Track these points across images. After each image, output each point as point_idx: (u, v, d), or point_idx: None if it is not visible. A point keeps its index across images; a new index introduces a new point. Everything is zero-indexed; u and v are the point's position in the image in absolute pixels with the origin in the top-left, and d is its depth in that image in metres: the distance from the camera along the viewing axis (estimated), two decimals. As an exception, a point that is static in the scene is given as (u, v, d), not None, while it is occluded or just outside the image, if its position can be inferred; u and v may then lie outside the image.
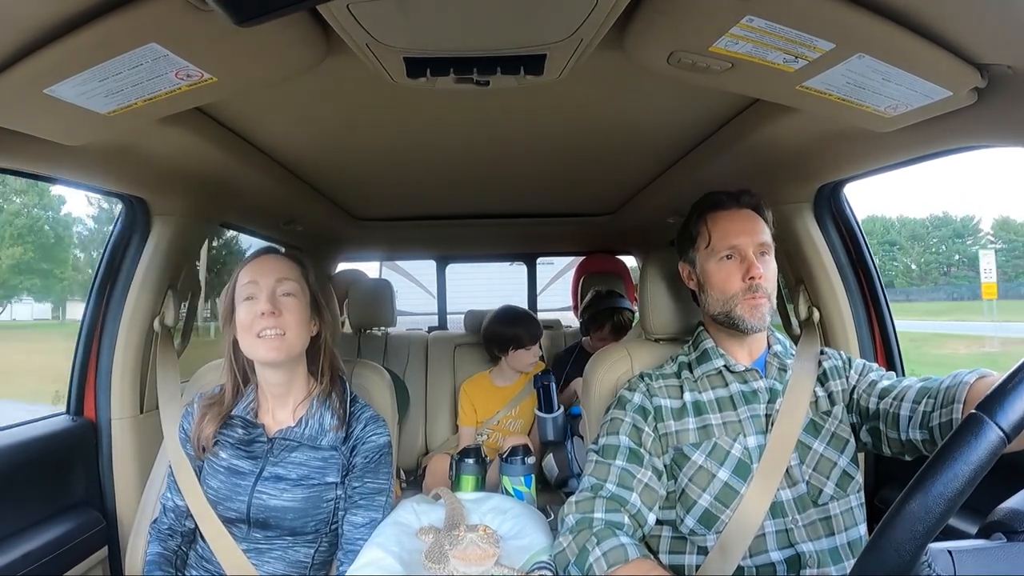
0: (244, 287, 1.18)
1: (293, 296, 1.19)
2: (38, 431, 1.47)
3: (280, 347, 1.16)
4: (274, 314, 1.15)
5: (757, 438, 1.13)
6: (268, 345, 1.15)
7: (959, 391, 0.95)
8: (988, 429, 0.50)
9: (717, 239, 1.18)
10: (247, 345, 1.18)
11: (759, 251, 1.16)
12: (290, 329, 1.17)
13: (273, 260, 1.22)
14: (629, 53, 0.91)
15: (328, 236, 2.75)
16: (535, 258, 3.65)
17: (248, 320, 1.16)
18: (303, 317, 1.20)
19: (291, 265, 1.22)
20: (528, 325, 2.30)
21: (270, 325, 1.15)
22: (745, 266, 1.15)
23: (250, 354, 1.19)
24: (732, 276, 1.16)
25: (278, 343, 1.16)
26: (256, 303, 1.16)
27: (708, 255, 1.19)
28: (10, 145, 1.04)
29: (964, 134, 1.05)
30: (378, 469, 1.23)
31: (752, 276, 1.13)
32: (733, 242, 1.16)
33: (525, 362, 2.30)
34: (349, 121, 1.36)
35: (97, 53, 0.77)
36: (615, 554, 0.96)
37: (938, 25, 0.78)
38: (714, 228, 1.19)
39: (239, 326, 1.18)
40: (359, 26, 0.77)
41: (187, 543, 1.25)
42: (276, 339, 1.15)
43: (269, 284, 1.17)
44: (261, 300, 1.16)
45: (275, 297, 1.17)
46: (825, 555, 1.06)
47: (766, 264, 1.16)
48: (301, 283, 1.22)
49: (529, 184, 2.06)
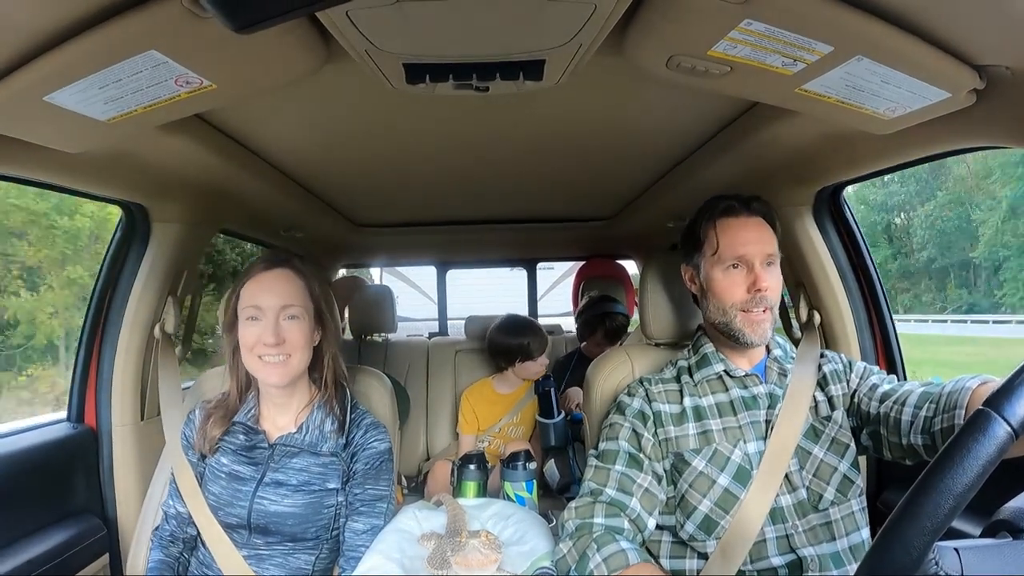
0: (246, 309, 1.16)
1: (297, 319, 1.17)
2: (39, 438, 1.47)
3: (284, 372, 1.16)
4: (277, 344, 1.14)
5: (757, 444, 1.12)
6: (270, 370, 1.16)
7: (962, 396, 0.94)
8: (996, 424, 0.49)
9: (725, 247, 1.16)
10: (250, 364, 1.17)
11: (765, 261, 1.15)
12: (295, 352, 1.16)
13: (279, 280, 1.18)
14: (628, 58, 0.91)
15: (328, 242, 2.75)
16: (535, 263, 3.65)
17: (251, 342, 1.15)
18: (307, 337, 1.19)
19: (295, 283, 1.19)
20: (536, 334, 2.27)
21: (273, 352, 1.15)
22: (752, 278, 1.13)
23: (253, 373, 1.19)
24: (736, 286, 1.14)
25: (281, 369, 1.16)
26: (259, 327, 1.15)
27: (714, 262, 1.17)
28: (10, 152, 1.04)
29: (963, 135, 1.05)
30: (379, 476, 1.23)
31: (759, 288, 1.12)
32: (741, 251, 1.14)
33: (533, 371, 2.27)
34: (348, 127, 1.36)
35: (97, 60, 0.78)
36: (616, 559, 0.96)
37: (937, 27, 0.78)
38: (723, 235, 1.16)
39: (242, 343, 1.17)
40: (358, 32, 0.78)
41: (189, 550, 1.25)
42: (279, 365, 1.15)
43: (274, 311, 1.15)
44: (265, 329, 1.14)
45: (278, 324, 1.15)
46: (827, 559, 1.05)
47: (772, 274, 1.15)
48: (305, 301, 1.20)
49: (529, 189, 2.06)
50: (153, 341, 1.61)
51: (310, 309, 1.21)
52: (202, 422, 1.23)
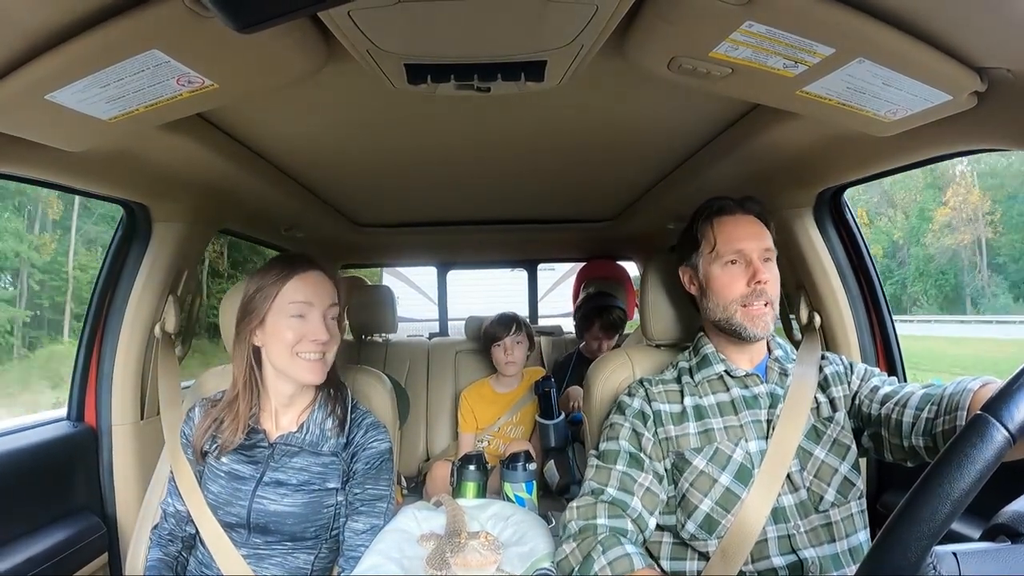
0: (295, 304, 1.17)
1: (335, 320, 1.21)
2: (39, 437, 1.47)
3: (321, 371, 1.18)
4: (327, 342, 1.17)
5: (758, 443, 1.12)
6: (309, 368, 1.17)
7: (963, 398, 0.94)
8: (994, 429, 0.49)
9: (722, 243, 1.17)
10: (284, 362, 1.17)
11: (763, 256, 1.16)
12: (330, 350, 1.20)
13: (324, 282, 1.21)
14: (629, 59, 0.91)
15: (329, 242, 2.75)
16: (536, 264, 3.65)
17: (294, 339, 1.16)
18: (339, 338, 1.22)
19: (333, 288, 1.23)
20: (504, 320, 2.33)
21: (317, 350, 1.16)
22: (751, 271, 1.15)
23: (286, 371, 1.18)
24: (736, 281, 1.16)
25: (319, 367, 1.18)
26: (309, 325, 1.16)
27: (712, 259, 1.18)
28: (11, 151, 1.04)
29: (964, 138, 1.05)
30: (379, 475, 1.23)
31: (759, 280, 1.13)
32: (739, 246, 1.16)
33: (503, 361, 2.31)
34: (350, 127, 1.36)
35: (99, 59, 0.78)
36: (621, 564, 0.96)
37: (938, 29, 0.78)
38: (719, 233, 1.18)
39: (280, 340, 1.16)
40: (360, 32, 0.78)
41: (187, 548, 1.25)
42: (319, 362, 1.18)
43: (323, 308, 1.18)
44: (316, 325, 1.16)
45: (327, 322, 1.18)
46: (827, 561, 1.05)
47: (770, 269, 1.16)
48: (341, 305, 1.24)
49: (530, 190, 2.07)
50: (153, 340, 1.62)
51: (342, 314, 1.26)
52: (201, 422, 1.23)
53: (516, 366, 2.32)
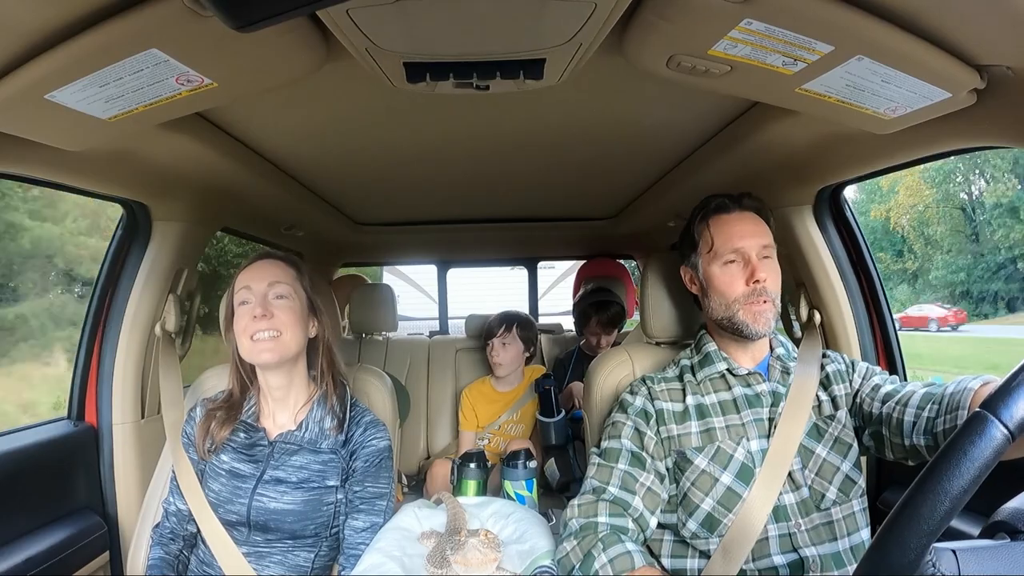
0: (239, 293, 1.21)
1: (286, 298, 1.21)
2: (40, 436, 1.47)
3: (275, 348, 1.18)
4: (266, 316, 1.17)
5: (760, 442, 1.12)
6: (262, 347, 1.17)
7: (964, 397, 0.94)
8: (992, 427, 0.49)
9: (720, 243, 1.17)
10: (245, 349, 1.19)
11: (762, 254, 1.16)
12: (285, 329, 1.19)
13: (266, 265, 1.23)
14: (628, 57, 0.91)
15: (329, 241, 2.76)
16: (536, 262, 3.65)
17: (243, 324, 1.18)
18: (298, 317, 1.21)
19: (284, 268, 1.24)
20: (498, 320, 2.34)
21: (264, 327, 1.17)
22: (749, 270, 1.14)
23: (248, 357, 1.20)
24: (735, 280, 1.15)
25: (272, 344, 1.17)
26: (249, 307, 1.18)
27: (711, 259, 1.18)
28: (11, 150, 1.04)
29: (964, 135, 1.04)
30: (378, 473, 1.23)
31: (757, 279, 1.13)
32: (736, 245, 1.15)
33: (495, 359, 2.31)
34: (349, 126, 1.36)
35: (98, 59, 0.78)
36: (621, 561, 0.96)
37: (937, 27, 0.78)
38: (717, 232, 1.18)
39: (236, 331, 1.20)
40: (359, 31, 0.78)
41: (188, 547, 1.25)
42: (270, 340, 1.17)
43: (261, 288, 1.20)
44: (254, 304, 1.18)
45: (267, 300, 1.19)
46: (828, 559, 1.05)
47: (769, 266, 1.16)
48: (295, 285, 1.24)
49: (530, 188, 2.07)
50: (154, 339, 1.62)
51: (301, 296, 1.24)
52: (203, 421, 1.23)
53: (504, 367, 2.32)
